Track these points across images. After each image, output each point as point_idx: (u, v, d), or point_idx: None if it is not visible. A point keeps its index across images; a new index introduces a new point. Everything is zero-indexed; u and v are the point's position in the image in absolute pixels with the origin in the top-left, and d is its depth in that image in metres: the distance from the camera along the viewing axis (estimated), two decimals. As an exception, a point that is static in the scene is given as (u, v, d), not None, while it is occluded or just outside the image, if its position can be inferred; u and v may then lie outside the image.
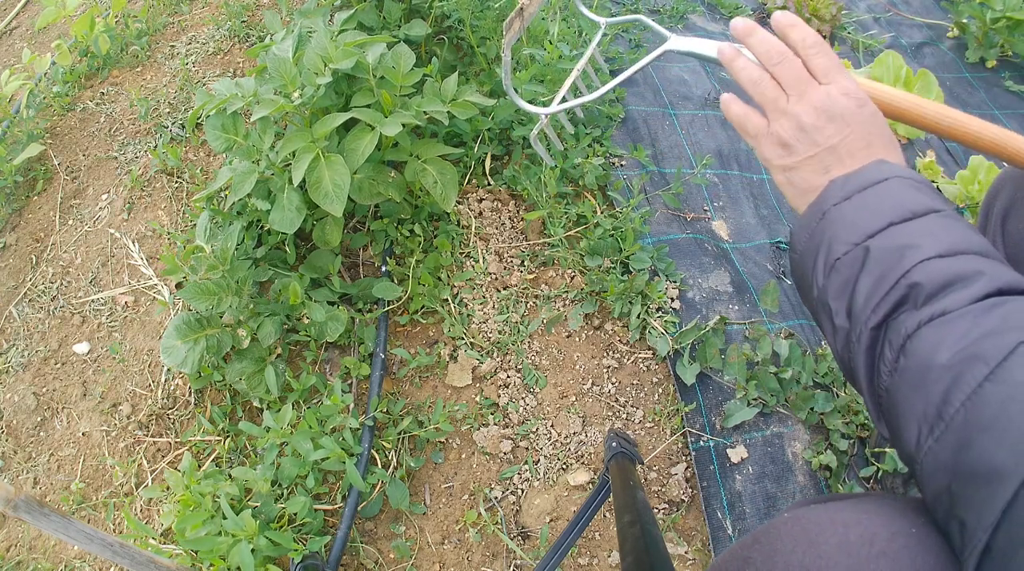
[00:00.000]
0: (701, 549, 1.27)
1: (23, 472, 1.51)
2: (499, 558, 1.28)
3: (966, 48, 2.50)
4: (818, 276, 0.63)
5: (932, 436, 0.50)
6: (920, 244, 0.57)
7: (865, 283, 0.58)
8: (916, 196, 0.62)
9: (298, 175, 1.28)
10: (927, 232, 0.58)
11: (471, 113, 1.45)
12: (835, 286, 0.61)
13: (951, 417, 0.49)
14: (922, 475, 0.52)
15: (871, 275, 0.58)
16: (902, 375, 0.54)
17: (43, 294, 1.75)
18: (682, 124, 1.90)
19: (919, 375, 0.52)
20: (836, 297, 0.61)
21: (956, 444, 0.48)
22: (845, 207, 0.63)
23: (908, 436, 0.53)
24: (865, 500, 0.58)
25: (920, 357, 0.52)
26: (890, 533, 0.52)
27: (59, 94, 2.11)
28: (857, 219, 0.62)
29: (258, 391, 1.37)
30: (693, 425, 1.34)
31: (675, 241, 1.59)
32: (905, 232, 0.59)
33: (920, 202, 0.61)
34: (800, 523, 0.56)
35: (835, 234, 0.62)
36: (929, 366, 0.51)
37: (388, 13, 1.74)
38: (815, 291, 0.64)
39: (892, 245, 0.58)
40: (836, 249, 0.62)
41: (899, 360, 0.54)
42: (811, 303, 0.67)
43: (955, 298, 0.53)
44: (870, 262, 0.59)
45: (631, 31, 2.17)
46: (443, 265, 1.57)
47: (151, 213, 1.79)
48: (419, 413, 1.42)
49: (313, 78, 1.34)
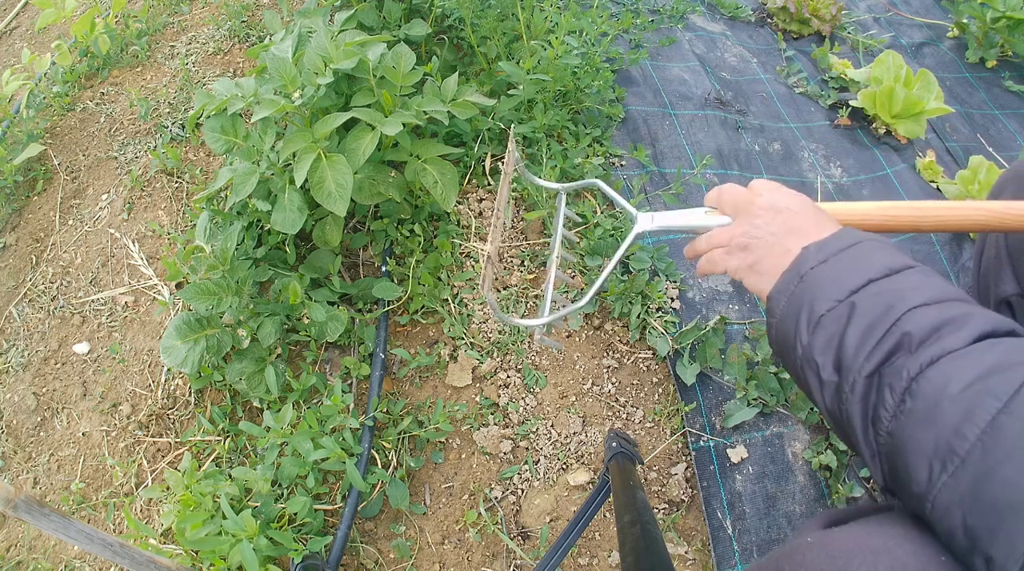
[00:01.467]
0: (701, 549, 1.27)
1: (23, 472, 1.51)
2: (499, 558, 1.28)
3: (966, 48, 2.50)
4: (801, 335, 0.65)
5: (946, 472, 0.50)
6: (904, 295, 0.60)
7: (854, 335, 0.60)
8: (891, 254, 0.65)
9: (300, 175, 1.28)
10: (908, 285, 0.61)
11: (471, 113, 1.45)
12: (821, 342, 0.63)
13: (967, 452, 0.49)
14: (934, 513, 0.52)
15: (859, 327, 0.60)
16: (909, 416, 0.54)
17: (43, 294, 1.75)
18: (682, 124, 1.90)
19: (928, 413, 0.52)
20: (822, 352, 0.63)
21: (974, 477, 0.48)
22: (823, 269, 0.66)
23: (918, 475, 0.53)
24: (890, 523, 0.57)
25: (928, 396, 0.53)
26: (919, 563, 0.51)
27: (59, 94, 2.11)
28: (838, 278, 0.65)
29: (258, 391, 1.37)
30: (693, 425, 1.34)
31: (675, 241, 1.59)
32: (887, 286, 0.62)
33: (896, 260, 0.64)
34: (826, 550, 0.55)
35: (817, 293, 0.65)
36: (938, 403, 0.52)
37: (388, 13, 1.74)
38: (799, 350, 0.66)
39: (877, 298, 0.61)
40: (819, 306, 0.64)
41: (904, 402, 0.55)
42: (793, 364, 0.69)
43: (952, 340, 0.55)
44: (856, 315, 0.61)
45: (631, 31, 2.17)
46: (443, 265, 1.57)
47: (151, 213, 1.79)
48: (419, 413, 1.42)
49: (313, 78, 1.34)
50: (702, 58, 2.18)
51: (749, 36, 2.43)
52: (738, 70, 2.22)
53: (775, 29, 2.48)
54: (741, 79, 2.18)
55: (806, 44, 2.42)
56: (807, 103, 2.17)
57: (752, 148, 1.92)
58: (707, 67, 2.14)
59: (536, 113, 1.68)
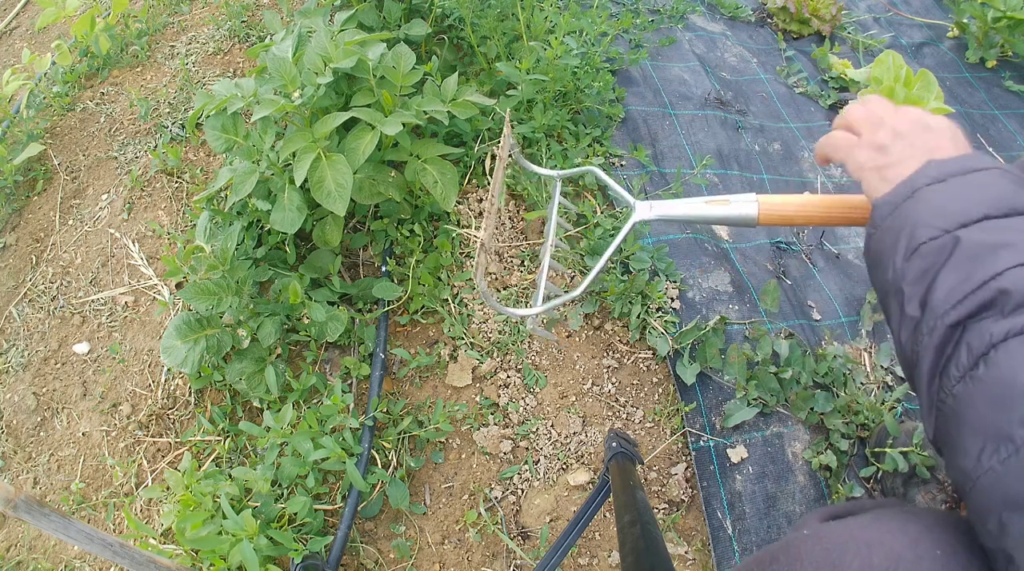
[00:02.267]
0: (701, 549, 1.27)
1: (23, 472, 1.51)
2: (499, 558, 1.28)
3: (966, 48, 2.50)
4: (897, 257, 0.59)
5: (997, 456, 0.47)
6: (1017, 245, 0.52)
7: (949, 275, 0.54)
8: (1019, 191, 0.57)
9: (300, 175, 1.28)
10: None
11: (471, 113, 1.45)
12: (914, 272, 0.57)
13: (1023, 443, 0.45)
14: (973, 493, 0.48)
15: (957, 268, 0.53)
16: (978, 384, 0.49)
17: (43, 294, 1.75)
18: (682, 124, 1.90)
19: (998, 388, 0.48)
20: (913, 283, 0.57)
21: (1022, 472, 0.45)
22: (939, 189, 0.59)
23: (969, 448, 0.49)
24: (886, 516, 0.55)
25: (1004, 370, 0.48)
26: (915, 556, 0.50)
27: (59, 94, 2.11)
28: (950, 204, 0.57)
29: (258, 391, 1.37)
30: (693, 425, 1.34)
31: (675, 241, 1.59)
32: (1002, 228, 0.54)
33: (1022, 199, 0.56)
34: (821, 543, 0.54)
35: (923, 216, 0.58)
36: (1013, 382, 0.47)
37: (388, 13, 1.74)
38: (890, 273, 0.60)
39: (986, 240, 0.53)
40: (922, 232, 0.57)
41: (977, 367, 0.50)
42: (881, 284, 0.62)
43: None
44: (959, 254, 0.54)
45: (631, 31, 2.17)
46: (443, 265, 1.57)
47: (151, 213, 1.79)
48: (419, 413, 1.42)
49: (313, 78, 1.34)
50: (702, 58, 2.18)
51: (749, 36, 2.43)
52: (738, 70, 2.22)
53: (775, 29, 2.48)
54: (741, 79, 2.18)
55: (806, 44, 2.42)
56: (807, 103, 2.17)
57: (752, 148, 1.92)
58: (707, 67, 2.14)
59: (536, 113, 1.68)
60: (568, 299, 0.86)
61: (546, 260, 0.95)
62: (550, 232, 0.99)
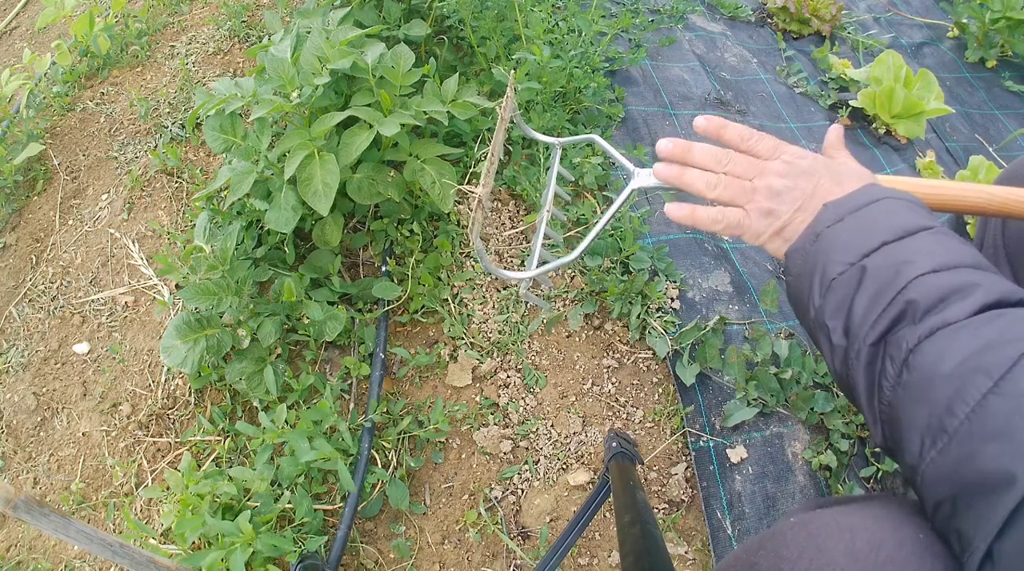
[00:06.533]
0: (701, 549, 1.27)
1: (23, 472, 1.51)
2: (499, 558, 1.28)
3: (966, 48, 2.50)
4: (814, 296, 0.64)
5: (935, 447, 0.50)
6: (914, 260, 0.58)
7: (862, 301, 0.59)
8: (907, 215, 0.63)
9: (289, 169, 1.28)
10: (920, 249, 0.60)
11: (471, 113, 1.45)
12: (832, 305, 0.62)
13: (955, 429, 0.49)
14: (923, 486, 0.52)
15: (867, 293, 0.59)
16: (906, 388, 0.54)
17: (43, 294, 1.75)
18: (682, 124, 1.90)
19: (922, 388, 0.52)
20: (833, 316, 0.62)
21: (959, 455, 0.49)
22: (839, 229, 0.64)
23: (911, 447, 0.53)
24: (871, 504, 0.58)
25: (923, 370, 0.53)
26: (898, 539, 0.51)
27: (59, 94, 2.11)
28: (851, 239, 0.63)
29: (258, 391, 1.37)
30: (693, 425, 1.34)
31: (675, 241, 1.59)
32: (899, 250, 0.60)
33: (911, 221, 0.62)
34: (806, 528, 0.56)
35: (830, 255, 0.63)
36: (932, 378, 0.52)
37: (388, 13, 1.74)
38: (812, 312, 0.65)
39: (887, 263, 0.59)
40: (832, 269, 0.63)
41: (902, 374, 0.54)
42: (808, 324, 0.68)
43: (954, 311, 0.53)
44: (866, 280, 0.60)
45: (631, 31, 2.17)
46: (443, 265, 1.57)
47: (151, 213, 1.79)
48: (419, 413, 1.42)
49: (311, 78, 1.34)
50: (702, 58, 2.18)
51: (749, 36, 2.43)
52: (738, 70, 2.22)
53: (775, 29, 2.48)
54: (741, 79, 2.18)
55: (806, 44, 2.42)
56: (807, 103, 2.17)
57: (752, 148, 1.92)
58: (707, 67, 2.14)
59: (533, 115, 1.68)
60: (563, 263, 0.85)
61: (542, 226, 0.95)
62: (548, 198, 0.99)
